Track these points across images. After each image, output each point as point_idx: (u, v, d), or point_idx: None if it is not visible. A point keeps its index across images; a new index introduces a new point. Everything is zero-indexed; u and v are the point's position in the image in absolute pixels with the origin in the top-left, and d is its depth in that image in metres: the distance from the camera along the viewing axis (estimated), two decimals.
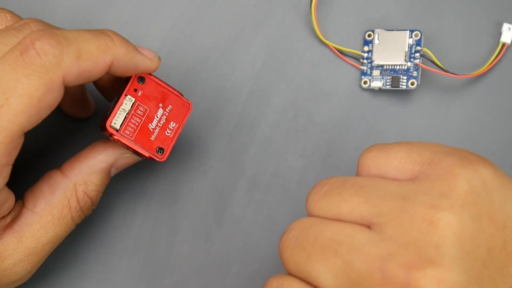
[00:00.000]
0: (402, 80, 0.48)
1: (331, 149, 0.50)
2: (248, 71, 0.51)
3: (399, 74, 0.48)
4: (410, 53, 0.48)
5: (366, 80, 0.49)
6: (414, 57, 0.48)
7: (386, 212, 0.34)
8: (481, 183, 0.34)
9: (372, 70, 0.49)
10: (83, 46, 0.40)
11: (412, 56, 0.48)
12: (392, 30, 0.49)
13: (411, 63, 0.48)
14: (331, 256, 0.34)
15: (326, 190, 0.37)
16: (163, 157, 0.44)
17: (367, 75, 0.49)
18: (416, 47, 0.48)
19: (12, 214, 0.42)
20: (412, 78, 0.48)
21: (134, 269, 0.49)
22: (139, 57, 0.42)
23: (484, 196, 0.34)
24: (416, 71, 0.48)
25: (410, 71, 0.48)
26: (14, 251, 0.42)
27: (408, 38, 0.48)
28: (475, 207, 0.34)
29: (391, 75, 0.48)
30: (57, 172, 0.44)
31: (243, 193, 0.50)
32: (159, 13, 0.51)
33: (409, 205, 0.34)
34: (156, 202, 0.49)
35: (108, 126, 0.42)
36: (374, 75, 0.49)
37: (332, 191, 0.37)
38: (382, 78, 0.49)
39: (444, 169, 0.35)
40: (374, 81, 0.49)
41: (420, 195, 0.34)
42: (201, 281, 0.49)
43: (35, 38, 0.39)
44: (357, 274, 0.34)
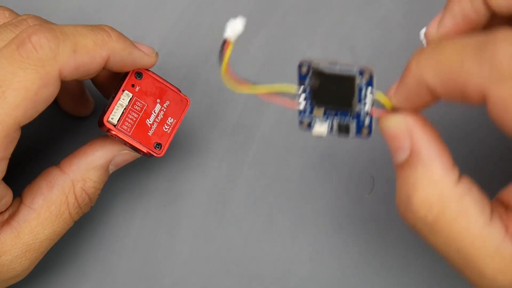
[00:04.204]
0: (351, 128, 0.38)
1: (331, 149, 0.50)
2: (248, 71, 0.51)
3: (347, 120, 0.38)
4: (359, 98, 0.37)
5: (306, 121, 0.38)
6: (365, 102, 0.37)
7: None
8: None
9: (313, 107, 0.38)
10: (79, 40, 0.40)
11: (363, 100, 0.37)
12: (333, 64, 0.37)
13: (361, 108, 0.37)
14: None
15: None
16: (161, 153, 0.44)
17: (305, 114, 0.38)
18: (367, 90, 0.37)
19: (9, 210, 0.42)
20: (364, 125, 0.38)
21: (134, 269, 0.49)
22: (137, 52, 0.42)
23: None
24: (368, 117, 0.38)
25: (361, 117, 0.38)
26: (11, 247, 0.42)
27: (357, 80, 0.37)
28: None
29: (337, 119, 0.38)
30: (55, 168, 0.44)
31: (243, 193, 0.49)
32: (159, 13, 0.52)
33: None
34: (156, 202, 0.49)
35: (106, 121, 0.42)
36: (315, 114, 0.38)
37: None
38: (326, 120, 0.38)
39: None
40: (316, 125, 0.38)
41: None
42: (201, 281, 0.49)
43: (32, 32, 0.39)
44: None
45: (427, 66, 0.34)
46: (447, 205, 0.35)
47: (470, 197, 0.35)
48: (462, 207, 0.35)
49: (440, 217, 0.35)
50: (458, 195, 0.35)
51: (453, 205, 0.35)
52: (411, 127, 0.36)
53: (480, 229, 0.34)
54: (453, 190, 0.35)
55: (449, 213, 0.35)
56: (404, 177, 0.36)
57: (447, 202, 0.35)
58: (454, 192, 0.35)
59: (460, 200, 0.35)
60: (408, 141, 0.36)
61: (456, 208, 0.35)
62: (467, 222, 0.35)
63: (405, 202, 0.36)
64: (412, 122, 0.36)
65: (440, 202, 0.35)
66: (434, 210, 0.35)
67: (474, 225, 0.34)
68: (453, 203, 0.35)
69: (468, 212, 0.35)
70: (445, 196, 0.35)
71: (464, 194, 0.35)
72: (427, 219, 0.35)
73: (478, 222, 0.35)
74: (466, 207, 0.35)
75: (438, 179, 0.35)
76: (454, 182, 0.35)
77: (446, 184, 0.35)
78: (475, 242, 0.34)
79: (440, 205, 0.35)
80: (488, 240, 0.34)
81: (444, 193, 0.35)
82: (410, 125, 0.36)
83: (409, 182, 0.36)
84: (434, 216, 0.35)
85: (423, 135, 0.36)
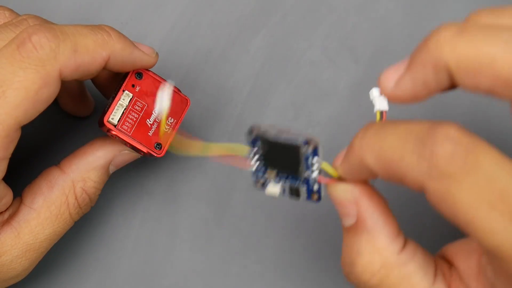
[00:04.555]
0: (302, 192, 0.39)
1: (331, 149, 0.50)
2: (248, 71, 0.51)
3: (298, 184, 0.38)
4: (306, 166, 0.37)
5: (260, 182, 0.39)
6: (312, 170, 0.38)
7: None
8: None
9: (266, 169, 0.38)
10: (80, 40, 0.40)
11: (310, 167, 0.38)
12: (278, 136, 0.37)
13: (309, 174, 0.38)
14: None
15: None
16: (161, 153, 0.44)
17: (259, 175, 0.39)
18: (313, 159, 0.37)
19: (10, 210, 0.42)
20: (313, 191, 0.38)
21: (134, 269, 0.49)
22: (137, 53, 0.42)
23: None
24: (316, 184, 0.38)
25: (310, 183, 0.38)
26: (11, 247, 0.42)
27: (301, 150, 0.37)
28: None
29: (288, 182, 0.38)
30: (55, 168, 0.44)
31: (243, 193, 0.49)
32: (159, 13, 0.52)
33: None
34: (156, 202, 0.49)
35: (106, 121, 0.42)
36: (268, 176, 0.38)
37: None
38: (278, 181, 0.38)
39: None
40: (269, 186, 0.39)
41: None
42: (201, 281, 0.48)
43: (32, 32, 0.39)
44: None
45: (368, 151, 0.34)
46: (390, 271, 0.36)
47: (414, 262, 0.36)
48: (405, 273, 0.36)
49: (383, 282, 0.36)
50: (402, 262, 0.36)
51: (396, 272, 0.36)
52: (357, 196, 0.37)
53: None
54: (397, 258, 0.36)
55: (392, 279, 0.36)
56: (350, 241, 0.37)
57: (390, 269, 0.36)
58: (397, 259, 0.36)
59: (404, 266, 0.36)
60: (354, 209, 0.37)
61: (399, 274, 0.36)
62: (410, 287, 0.36)
63: (349, 264, 0.37)
64: (359, 192, 0.37)
65: (383, 268, 0.36)
66: (377, 276, 0.36)
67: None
68: (396, 269, 0.36)
69: (411, 277, 0.36)
70: (388, 263, 0.36)
71: (408, 260, 0.36)
72: (370, 283, 0.36)
73: (421, 285, 0.36)
74: (409, 273, 0.36)
75: (383, 248, 0.36)
76: (398, 250, 0.36)
77: (389, 252, 0.36)
78: None
79: (383, 272, 0.36)
80: None
81: (387, 261, 0.36)
82: (356, 195, 0.37)
83: (354, 247, 0.37)
84: (376, 281, 0.36)
85: (369, 205, 0.37)
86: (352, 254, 0.37)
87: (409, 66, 0.36)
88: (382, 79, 0.37)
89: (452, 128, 0.32)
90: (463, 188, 0.31)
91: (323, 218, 0.49)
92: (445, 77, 0.34)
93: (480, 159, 0.31)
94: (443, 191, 0.32)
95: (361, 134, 0.35)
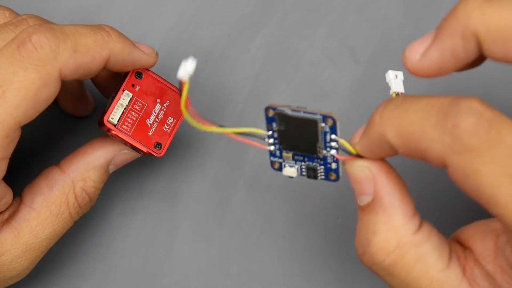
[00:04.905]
0: (319, 172, 0.39)
1: None
2: (248, 71, 0.51)
3: (315, 164, 0.38)
4: (324, 143, 0.37)
5: (277, 163, 0.39)
6: (330, 147, 0.37)
7: None
8: None
9: (281, 151, 0.38)
10: (80, 40, 0.40)
11: (327, 145, 0.37)
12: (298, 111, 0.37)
13: (326, 152, 0.38)
14: None
15: None
16: (161, 153, 0.44)
17: (276, 157, 0.39)
18: (331, 136, 0.37)
19: (10, 210, 0.42)
20: (331, 170, 0.38)
21: (134, 269, 0.49)
22: (137, 52, 0.42)
23: None
24: (335, 162, 0.38)
25: (328, 162, 0.38)
26: (11, 246, 0.42)
27: (320, 124, 0.37)
28: None
29: (305, 162, 0.39)
30: (55, 168, 0.44)
31: (243, 193, 0.49)
32: (159, 13, 0.52)
33: None
34: (156, 202, 0.49)
35: (106, 121, 0.42)
36: (284, 157, 0.39)
37: None
38: (295, 164, 0.39)
39: None
40: (286, 167, 0.39)
41: None
42: (201, 281, 0.48)
43: (32, 32, 0.39)
44: None
45: (389, 125, 0.34)
46: (406, 251, 0.36)
47: (429, 243, 0.36)
48: (421, 253, 0.35)
49: (398, 262, 0.36)
50: (417, 242, 0.36)
51: (412, 252, 0.35)
52: (375, 173, 0.36)
53: (438, 273, 0.35)
54: (412, 238, 0.36)
55: (408, 259, 0.35)
56: (365, 220, 0.37)
57: (406, 248, 0.36)
58: (413, 239, 0.36)
59: (419, 246, 0.36)
60: (371, 187, 0.36)
61: (415, 254, 0.35)
62: (426, 267, 0.35)
63: (364, 244, 0.37)
64: (377, 170, 0.36)
65: (399, 248, 0.36)
66: (392, 255, 0.36)
67: (433, 270, 0.35)
68: (412, 249, 0.35)
69: (426, 258, 0.35)
70: (404, 243, 0.36)
71: (423, 241, 0.36)
72: (384, 263, 0.36)
73: (436, 267, 0.35)
74: (424, 253, 0.35)
75: (398, 227, 0.36)
76: (414, 230, 0.36)
77: (405, 232, 0.36)
78: (432, 285, 0.35)
79: (399, 251, 0.36)
80: (445, 283, 0.35)
81: (403, 240, 0.36)
82: (374, 172, 0.36)
83: (369, 226, 0.36)
84: (391, 261, 0.36)
85: (386, 183, 0.36)
86: (367, 234, 0.36)
87: (436, 36, 0.35)
88: (407, 52, 0.36)
89: (475, 102, 0.32)
90: (486, 162, 0.31)
91: (323, 218, 0.49)
92: (473, 46, 0.34)
93: (503, 132, 0.31)
94: (465, 165, 0.31)
95: (381, 109, 0.35)
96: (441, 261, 0.35)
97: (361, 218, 0.37)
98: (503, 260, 0.35)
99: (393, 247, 0.35)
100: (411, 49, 0.36)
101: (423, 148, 0.33)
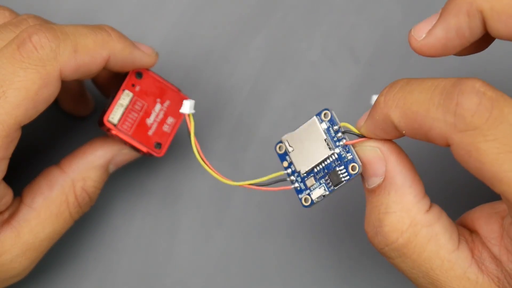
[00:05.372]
0: (341, 172, 0.38)
1: None
2: (248, 71, 0.51)
3: (334, 168, 0.38)
4: (331, 139, 0.39)
5: (306, 197, 0.39)
6: (338, 139, 0.38)
7: None
8: None
9: (304, 181, 0.39)
10: (80, 40, 0.40)
11: (335, 139, 0.38)
12: (298, 127, 0.40)
13: (338, 147, 0.38)
14: None
15: None
16: (161, 152, 0.44)
17: (302, 191, 0.39)
18: (333, 128, 0.38)
19: (10, 210, 0.42)
20: (349, 162, 0.38)
21: (134, 269, 0.49)
22: (137, 52, 0.42)
23: None
24: (348, 152, 0.38)
25: (343, 156, 0.38)
26: (11, 246, 0.42)
27: (319, 124, 0.39)
28: None
29: (326, 174, 0.39)
30: (55, 168, 0.44)
31: (243, 193, 0.49)
32: (159, 13, 0.52)
33: None
34: (156, 202, 0.49)
35: (106, 121, 0.42)
36: (309, 185, 0.39)
37: None
38: (320, 184, 0.39)
39: None
40: (313, 193, 0.39)
41: None
42: (201, 281, 0.48)
43: (32, 32, 0.39)
44: None
45: (393, 105, 0.35)
46: (419, 230, 0.36)
47: (440, 224, 0.36)
48: (433, 233, 0.36)
49: (411, 241, 0.36)
50: (429, 221, 0.36)
51: (424, 231, 0.36)
52: (386, 154, 0.36)
53: (449, 254, 0.36)
54: (424, 217, 0.36)
55: (420, 238, 0.36)
56: (376, 201, 0.37)
57: (419, 227, 0.36)
58: (425, 219, 0.36)
59: (431, 226, 0.36)
60: (383, 168, 0.36)
61: (427, 234, 0.36)
62: (437, 248, 0.36)
63: (376, 225, 0.37)
64: (387, 150, 0.37)
65: (412, 227, 0.36)
66: (405, 234, 0.36)
67: (444, 251, 0.36)
68: (424, 228, 0.36)
69: (438, 238, 0.36)
70: (417, 222, 0.36)
71: (435, 221, 0.36)
72: (397, 243, 0.36)
73: (448, 247, 0.36)
74: (436, 234, 0.36)
75: (411, 206, 0.36)
76: (425, 210, 0.36)
77: (417, 211, 0.36)
78: (443, 266, 0.35)
79: (411, 230, 0.36)
80: (456, 265, 0.35)
81: (415, 219, 0.36)
82: (385, 152, 0.36)
83: (381, 207, 0.36)
84: (405, 240, 0.36)
85: (398, 163, 0.36)
86: (379, 214, 0.36)
87: (442, 14, 0.36)
88: (413, 32, 0.37)
89: (477, 82, 0.32)
90: (488, 140, 0.31)
91: (323, 218, 0.49)
92: (478, 24, 0.34)
93: (506, 111, 0.31)
94: (468, 143, 0.32)
95: (386, 90, 0.35)
96: (451, 242, 0.36)
97: (371, 201, 0.37)
98: (509, 242, 0.35)
99: (406, 226, 0.36)
100: (417, 29, 0.37)
101: (427, 128, 0.33)
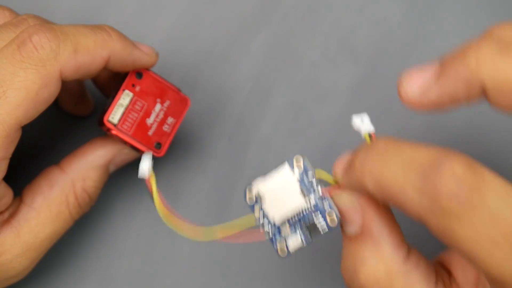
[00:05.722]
0: (318, 223, 0.36)
1: (331, 149, 0.50)
2: (248, 71, 0.51)
3: (311, 218, 0.37)
4: (305, 187, 0.37)
5: (282, 248, 0.37)
6: (312, 187, 0.37)
7: None
8: None
9: (279, 231, 0.37)
10: (80, 40, 0.40)
11: (309, 186, 0.37)
12: (268, 173, 0.37)
13: (312, 194, 0.36)
14: None
15: None
16: (161, 152, 0.44)
17: (277, 241, 0.37)
18: (307, 174, 0.37)
19: (10, 209, 0.42)
20: (327, 213, 0.36)
21: (134, 269, 0.49)
22: (137, 52, 0.42)
23: None
24: (325, 200, 0.36)
25: (319, 205, 0.36)
26: (11, 246, 0.42)
27: (291, 170, 0.37)
28: None
29: (303, 224, 0.37)
30: (55, 168, 0.44)
31: (243, 193, 0.49)
32: (160, 13, 0.52)
33: None
34: None
35: (106, 121, 0.42)
36: (284, 235, 0.37)
37: None
38: (296, 234, 0.37)
39: None
40: (290, 243, 0.37)
41: None
42: (201, 281, 0.49)
43: (32, 32, 0.39)
44: None
45: (368, 175, 0.33)
46: (395, 280, 0.35)
47: (417, 271, 0.35)
48: (410, 282, 0.35)
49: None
50: (406, 271, 0.35)
51: (400, 281, 0.35)
52: (363, 205, 0.36)
53: None
54: (401, 267, 0.35)
55: None
56: (352, 250, 0.36)
57: (395, 277, 0.35)
58: (402, 268, 0.35)
59: (408, 275, 0.35)
60: (359, 217, 0.36)
61: (403, 284, 0.35)
62: None
63: (351, 273, 0.36)
64: (364, 201, 0.36)
65: (387, 277, 0.35)
66: (380, 285, 0.35)
67: None
68: (401, 278, 0.35)
69: (414, 287, 0.35)
70: (393, 273, 0.35)
71: (412, 269, 0.35)
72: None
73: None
74: (413, 282, 0.35)
75: (387, 257, 0.35)
76: (403, 259, 0.35)
77: (394, 261, 0.35)
78: None
79: (387, 281, 0.35)
80: None
81: (392, 270, 0.35)
82: (362, 203, 0.36)
83: (357, 256, 0.36)
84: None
85: (375, 213, 0.36)
86: (355, 263, 0.36)
87: (441, 77, 0.34)
88: (404, 82, 0.36)
89: (457, 164, 0.31)
90: (465, 226, 0.30)
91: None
92: (477, 94, 0.33)
93: (485, 196, 0.30)
94: (444, 227, 0.31)
95: (363, 155, 0.34)
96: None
97: (347, 246, 0.36)
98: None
99: (382, 276, 0.35)
100: (409, 80, 0.36)
101: (401, 204, 0.32)
